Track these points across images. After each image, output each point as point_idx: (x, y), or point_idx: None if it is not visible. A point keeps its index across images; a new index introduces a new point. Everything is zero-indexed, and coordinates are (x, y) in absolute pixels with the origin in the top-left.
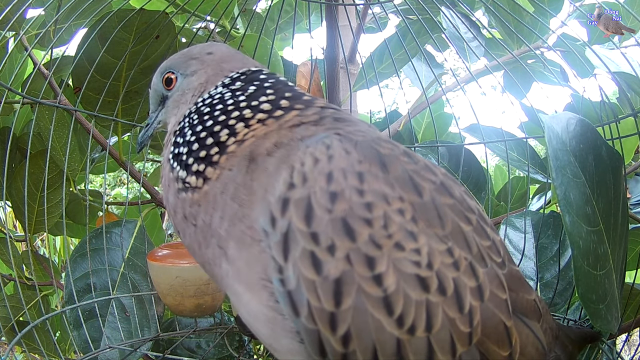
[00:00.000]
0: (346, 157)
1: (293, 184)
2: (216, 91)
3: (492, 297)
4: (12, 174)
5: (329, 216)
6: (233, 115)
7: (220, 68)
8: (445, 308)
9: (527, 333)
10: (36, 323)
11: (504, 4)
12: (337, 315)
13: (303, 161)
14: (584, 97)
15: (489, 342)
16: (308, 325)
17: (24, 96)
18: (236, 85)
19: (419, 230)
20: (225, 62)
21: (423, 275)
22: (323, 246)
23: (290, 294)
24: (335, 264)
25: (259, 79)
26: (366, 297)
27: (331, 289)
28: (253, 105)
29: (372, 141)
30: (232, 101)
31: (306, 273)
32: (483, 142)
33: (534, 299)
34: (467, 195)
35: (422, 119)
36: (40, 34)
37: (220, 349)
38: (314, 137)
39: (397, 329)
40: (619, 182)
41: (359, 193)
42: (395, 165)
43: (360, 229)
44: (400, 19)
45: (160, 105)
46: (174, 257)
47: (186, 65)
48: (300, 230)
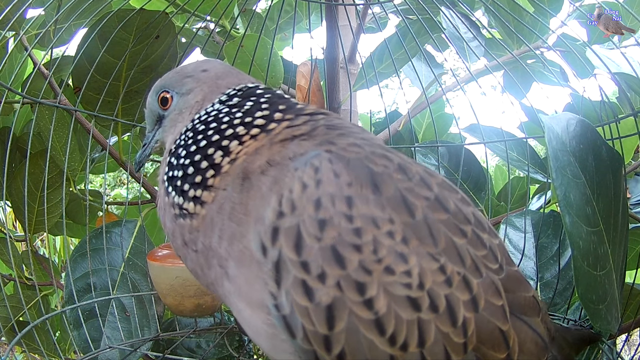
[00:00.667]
0: (335, 181)
1: (282, 212)
2: (212, 108)
3: (487, 306)
4: (12, 174)
5: (318, 245)
6: (227, 134)
7: (216, 85)
8: (438, 324)
9: (526, 330)
10: (36, 323)
11: (504, 4)
12: (331, 337)
13: (291, 188)
14: (584, 97)
15: (484, 347)
16: (304, 346)
17: (24, 96)
18: (233, 101)
19: (409, 250)
20: (221, 78)
21: (414, 296)
22: (314, 275)
23: (285, 318)
24: (327, 291)
25: (256, 94)
26: (358, 320)
27: (324, 314)
28: (247, 122)
29: (365, 158)
30: (227, 119)
31: (299, 300)
32: (483, 142)
33: (533, 295)
34: (463, 203)
35: (422, 119)
36: (40, 34)
37: (220, 349)
38: (304, 157)
39: (390, 347)
40: (619, 182)
41: (347, 219)
42: (388, 184)
43: (350, 256)
44: (400, 19)
45: (156, 125)
46: (174, 257)
47: (181, 83)
48: (291, 260)
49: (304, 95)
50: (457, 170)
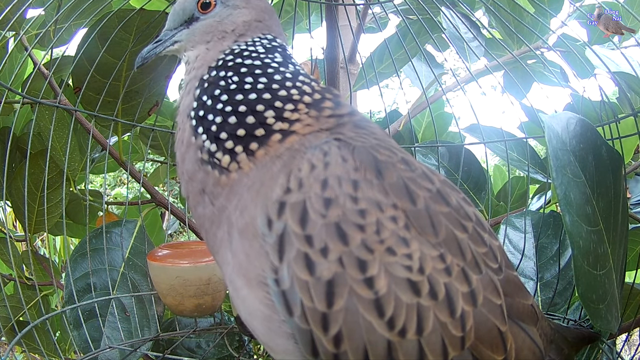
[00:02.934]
0: (342, 165)
1: (289, 188)
2: (255, 48)
3: (485, 302)
4: (12, 174)
5: (323, 220)
6: (280, 94)
7: (262, 18)
8: (437, 312)
9: (524, 337)
10: (36, 323)
11: (504, 4)
12: (329, 315)
13: (300, 167)
14: (584, 97)
15: (482, 346)
16: (301, 325)
17: (24, 96)
18: (275, 55)
19: (411, 236)
20: (269, 16)
21: (414, 279)
22: (316, 248)
23: (284, 293)
24: (328, 265)
25: (292, 62)
26: (358, 299)
27: (324, 289)
28: (298, 87)
29: (371, 147)
30: (278, 77)
31: (300, 274)
32: (483, 142)
33: (531, 304)
34: (465, 202)
35: (422, 118)
36: (40, 34)
37: (220, 349)
38: (315, 144)
39: (388, 331)
40: (619, 182)
41: (352, 200)
42: (391, 172)
43: (353, 234)
44: (400, 19)
45: (183, 26)
46: (174, 257)
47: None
48: (295, 233)
49: None
50: (457, 170)
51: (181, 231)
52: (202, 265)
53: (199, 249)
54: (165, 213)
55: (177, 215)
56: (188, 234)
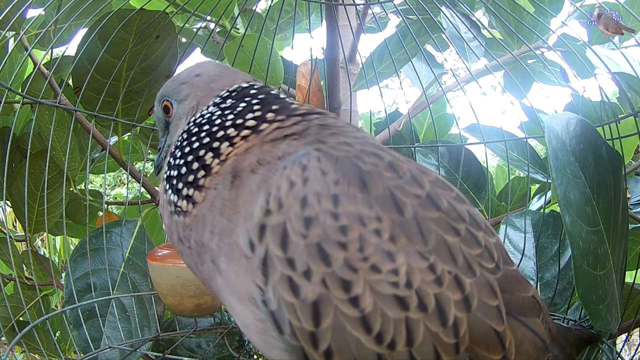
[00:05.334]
0: (322, 179)
1: (269, 210)
2: (207, 111)
3: (480, 305)
4: (12, 174)
5: (304, 242)
6: (218, 135)
7: (209, 88)
8: (427, 323)
9: (524, 332)
10: (36, 323)
11: (504, 4)
12: (318, 334)
13: (279, 186)
14: (584, 97)
15: (478, 348)
16: (292, 342)
17: (24, 96)
18: (227, 103)
19: (397, 249)
20: (214, 81)
21: (401, 294)
22: (299, 271)
23: (273, 314)
24: (312, 288)
25: (250, 94)
26: (344, 317)
27: (309, 311)
28: (238, 124)
29: (354, 156)
30: (219, 121)
31: (285, 296)
32: (483, 142)
33: (532, 295)
34: (457, 200)
35: (423, 119)
36: (40, 34)
37: (220, 349)
38: (293, 156)
39: (377, 345)
40: (619, 182)
41: (333, 217)
42: (376, 182)
43: (335, 254)
44: (400, 19)
45: (165, 131)
46: (174, 257)
47: (178, 91)
48: (277, 256)
49: (304, 95)
50: (457, 170)
51: None
52: None
53: None
54: None
55: None
56: None
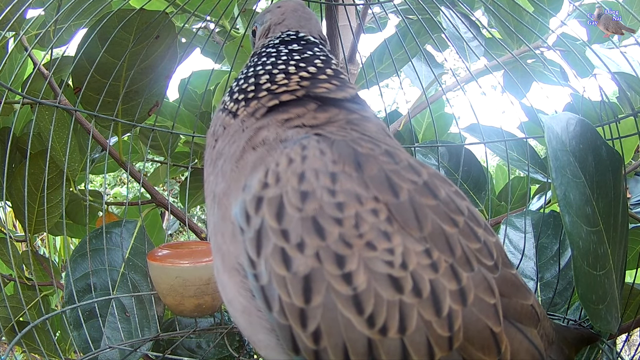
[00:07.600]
0: (320, 158)
1: (267, 183)
2: (272, 42)
3: (477, 301)
4: (12, 174)
5: (299, 214)
6: (279, 67)
7: (279, 20)
8: (421, 310)
9: (521, 339)
10: (36, 323)
11: (504, 3)
12: (307, 311)
13: (278, 161)
14: (584, 97)
15: (472, 348)
16: (280, 321)
17: (24, 96)
18: (290, 43)
19: (393, 230)
20: (289, 15)
21: (396, 275)
22: (293, 243)
23: (263, 288)
24: (305, 260)
25: (310, 51)
26: (336, 295)
27: (300, 285)
28: (300, 66)
29: (352, 140)
30: (285, 57)
31: (277, 269)
32: (483, 142)
33: (531, 304)
34: (457, 195)
35: (423, 118)
36: (40, 34)
37: (220, 349)
38: (295, 139)
39: (368, 329)
40: (619, 182)
41: (330, 193)
42: (372, 164)
43: (330, 228)
44: (400, 19)
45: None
46: (174, 257)
47: (262, 17)
48: (271, 227)
49: None
50: (457, 170)
51: (181, 231)
52: (202, 265)
53: (199, 249)
54: (165, 213)
55: (177, 215)
56: (188, 234)
